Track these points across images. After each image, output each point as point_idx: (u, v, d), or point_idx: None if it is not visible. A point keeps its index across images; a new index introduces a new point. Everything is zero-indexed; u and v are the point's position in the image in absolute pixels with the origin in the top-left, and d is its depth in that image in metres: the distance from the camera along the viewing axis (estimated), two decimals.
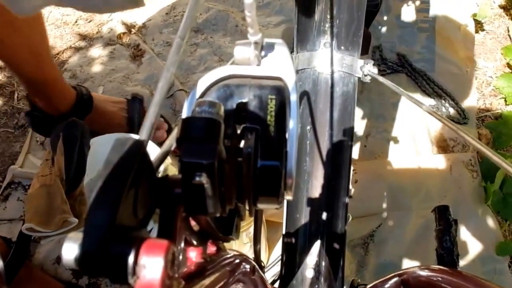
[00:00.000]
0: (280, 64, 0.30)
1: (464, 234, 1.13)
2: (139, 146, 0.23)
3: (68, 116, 1.18)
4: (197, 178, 0.24)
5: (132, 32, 1.64)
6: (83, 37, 1.65)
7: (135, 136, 0.24)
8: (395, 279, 0.44)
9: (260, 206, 0.29)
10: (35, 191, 1.03)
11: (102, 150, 1.07)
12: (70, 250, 0.21)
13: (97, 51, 1.60)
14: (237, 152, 0.27)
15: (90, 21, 1.70)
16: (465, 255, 1.11)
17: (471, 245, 1.12)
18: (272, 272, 0.83)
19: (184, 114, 0.28)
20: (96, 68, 1.56)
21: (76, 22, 1.70)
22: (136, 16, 1.68)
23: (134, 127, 1.21)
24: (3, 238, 1.06)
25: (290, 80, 0.29)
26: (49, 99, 1.16)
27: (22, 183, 1.30)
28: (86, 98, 1.21)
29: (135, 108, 1.25)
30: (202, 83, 0.29)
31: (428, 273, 0.42)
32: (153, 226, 0.50)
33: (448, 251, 0.43)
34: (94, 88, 1.46)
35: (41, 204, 1.01)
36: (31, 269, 1.07)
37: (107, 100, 1.30)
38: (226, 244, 0.40)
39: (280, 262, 0.57)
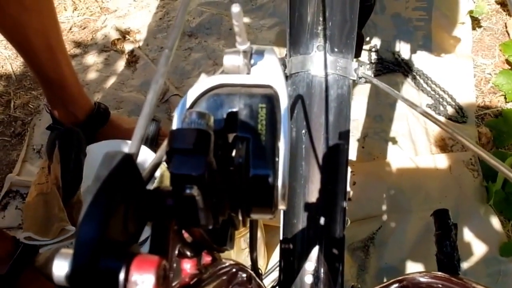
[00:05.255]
0: (269, 72, 0.29)
1: (467, 235, 1.11)
2: (128, 161, 0.23)
3: (86, 125, 1.19)
4: (188, 191, 0.23)
5: (127, 38, 1.63)
6: (77, 44, 1.65)
7: (126, 146, 0.24)
8: (395, 285, 0.44)
9: (254, 216, 0.29)
10: (33, 200, 1.03)
11: (99, 157, 1.07)
12: (60, 267, 0.20)
13: (92, 58, 1.60)
14: (228, 162, 0.27)
15: (85, 28, 1.70)
16: (469, 256, 1.09)
17: (474, 246, 1.10)
18: (271, 278, 0.82)
19: (174, 125, 0.28)
20: (91, 75, 1.55)
21: (70, 29, 1.69)
22: (130, 22, 1.68)
23: (148, 147, 1.20)
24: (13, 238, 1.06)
25: (280, 88, 0.29)
26: (66, 104, 1.18)
27: (20, 191, 1.29)
28: (103, 111, 1.24)
29: (150, 128, 1.25)
30: (192, 93, 0.29)
31: (428, 279, 0.42)
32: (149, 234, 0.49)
33: (448, 256, 0.43)
34: (89, 95, 1.45)
35: (38, 212, 1.01)
36: (36, 271, 1.06)
37: (123, 118, 1.33)
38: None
39: (278, 268, 0.56)
